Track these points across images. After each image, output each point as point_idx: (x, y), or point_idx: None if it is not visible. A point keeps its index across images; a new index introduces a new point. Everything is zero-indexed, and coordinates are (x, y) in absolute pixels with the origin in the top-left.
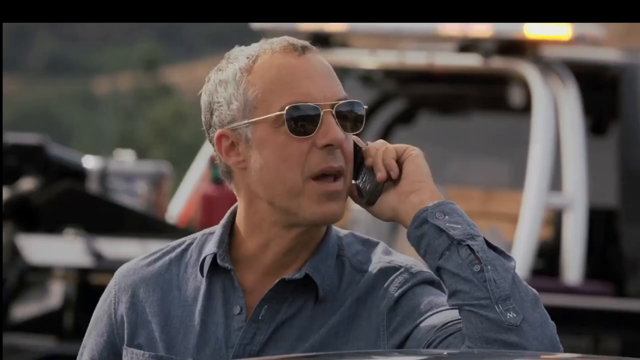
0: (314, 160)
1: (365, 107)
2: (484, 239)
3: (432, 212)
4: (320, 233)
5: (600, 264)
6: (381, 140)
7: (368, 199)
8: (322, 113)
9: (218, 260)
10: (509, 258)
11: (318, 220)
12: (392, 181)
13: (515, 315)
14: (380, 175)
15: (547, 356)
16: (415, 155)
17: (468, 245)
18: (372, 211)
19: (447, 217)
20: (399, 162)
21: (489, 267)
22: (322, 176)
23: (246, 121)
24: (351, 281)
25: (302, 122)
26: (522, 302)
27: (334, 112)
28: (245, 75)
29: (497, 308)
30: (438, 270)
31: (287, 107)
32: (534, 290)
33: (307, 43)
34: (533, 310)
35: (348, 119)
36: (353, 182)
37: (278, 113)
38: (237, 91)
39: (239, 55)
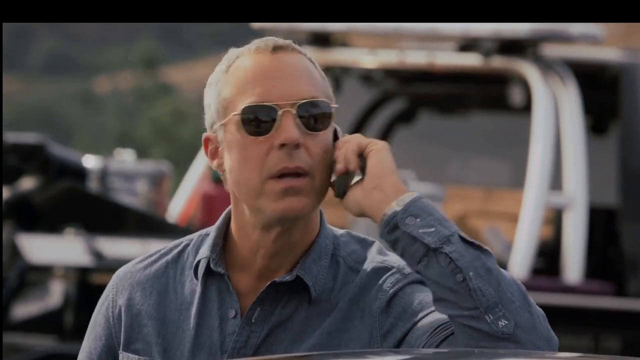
0: (272, 160)
1: (335, 105)
2: (459, 235)
3: (402, 217)
4: (307, 234)
5: (600, 263)
6: (356, 134)
7: (336, 192)
8: (280, 113)
9: (211, 265)
10: (487, 253)
11: (279, 216)
12: (360, 176)
13: (506, 322)
14: (339, 167)
15: (547, 356)
16: (377, 150)
17: (445, 254)
18: (344, 206)
19: (418, 219)
20: (364, 157)
21: (471, 273)
22: (282, 175)
23: (220, 123)
24: (346, 281)
25: (257, 122)
26: (511, 304)
27: (294, 112)
28: (222, 77)
29: (487, 318)
30: (418, 273)
31: (242, 108)
32: (518, 282)
33: (285, 43)
34: (523, 310)
35: (311, 117)
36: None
37: (236, 113)
38: (216, 93)
39: (227, 56)
